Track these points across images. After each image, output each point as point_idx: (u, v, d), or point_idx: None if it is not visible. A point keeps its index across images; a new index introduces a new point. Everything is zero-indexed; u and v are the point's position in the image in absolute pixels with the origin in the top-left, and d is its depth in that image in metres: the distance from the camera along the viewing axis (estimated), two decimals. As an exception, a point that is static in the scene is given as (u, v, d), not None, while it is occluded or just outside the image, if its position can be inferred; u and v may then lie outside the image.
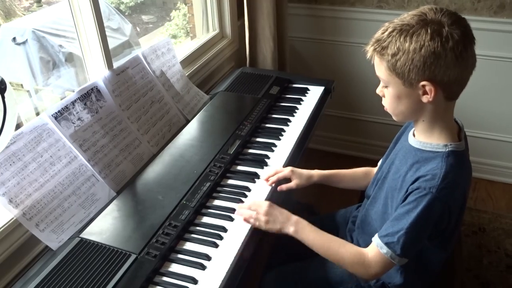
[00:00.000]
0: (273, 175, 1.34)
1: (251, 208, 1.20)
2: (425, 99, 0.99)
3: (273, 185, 1.33)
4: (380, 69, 1.03)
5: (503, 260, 2.05)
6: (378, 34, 1.01)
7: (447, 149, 1.02)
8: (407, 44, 0.95)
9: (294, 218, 1.17)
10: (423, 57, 0.94)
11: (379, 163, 1.33)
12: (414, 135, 1.11)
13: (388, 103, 1.06)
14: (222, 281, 1.04)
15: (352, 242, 1.26)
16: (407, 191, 1.03)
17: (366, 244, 1.12)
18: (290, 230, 1.15)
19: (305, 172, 1.36)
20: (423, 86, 0.98)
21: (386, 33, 0.99)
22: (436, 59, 0.94)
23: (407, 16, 0.99)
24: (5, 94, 0.89)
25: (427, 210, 0.98)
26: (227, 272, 1.06)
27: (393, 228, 1.02)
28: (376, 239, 1.06)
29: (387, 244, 1.03)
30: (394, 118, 1.09)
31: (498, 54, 2.16)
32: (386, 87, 1.05)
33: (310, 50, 2.53)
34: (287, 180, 1.35)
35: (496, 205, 2.39)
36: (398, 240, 1.01)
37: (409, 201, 1.01)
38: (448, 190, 0.99)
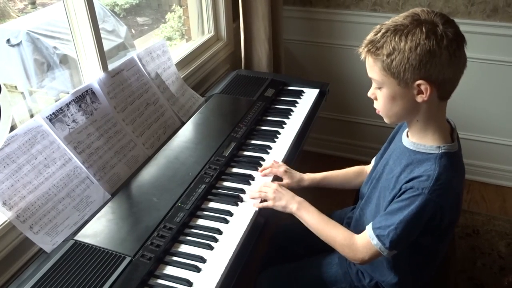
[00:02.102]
0: (268, 168, 1.38)
1: (261, 189, 1.28)
2: (419, 98, 1.00)
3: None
4: (374, 70, 1.03)
5: (496, 261, 2.06)
6: (370, 36, 1.01)
7: (440, 151, 1.04)
8: (402, 44, 0.95)
9: (299, 198, 1.25)
10: (418, 55, 0.95)
11: (372, 161, 1.34)
12: (408, 136, 1.12)
13: (381, 105, 1.07)
14: (217, 283, 1.04)
15: None
16: (400, 189, 1.04)
17: None
18: (294, 207, 1.23)
19: (297, 175, 1.38)
20: (419, 85, 0.98)
21: (380, 34, 0.99)
22: (432, 57, 0.95)
23: (399, 18, 1.00)
24: (-1, 96, 0.89)
25: (419, 210, 1.00)
26: (222, 274, 1.06)
27: (386, 222, 1.05)
28: (369, 229, 1.09)
29: (378, 236, 1.06)
30: (387, 120, 1.09)
31: (491, 57, 2.18)
32: (379, 89, 1.05)
33: (305, 52, 2.54)
34: (280, 178, 1.37)
35: (490, 207, 2.40)
36: (388, 234, 1.04)
37: (403, 198, 1.03)
38: (440, 191, 1.00)
